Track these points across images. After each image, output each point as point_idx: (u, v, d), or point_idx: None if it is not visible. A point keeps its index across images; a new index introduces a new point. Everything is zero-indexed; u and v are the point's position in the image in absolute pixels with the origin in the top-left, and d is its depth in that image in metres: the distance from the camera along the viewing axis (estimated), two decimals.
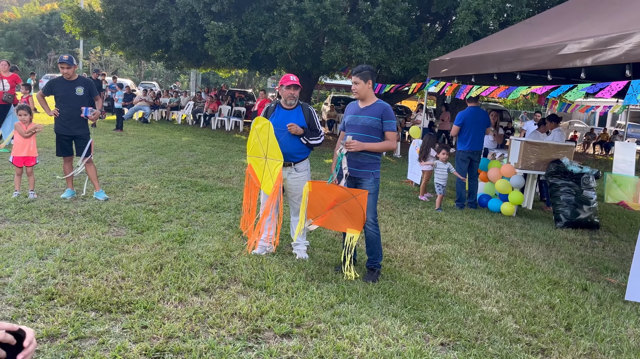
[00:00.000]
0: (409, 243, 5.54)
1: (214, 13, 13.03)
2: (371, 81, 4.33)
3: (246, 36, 13.30)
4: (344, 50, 12.21)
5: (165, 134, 14.90)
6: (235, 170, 9.46)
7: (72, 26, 18.08)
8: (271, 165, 4.47)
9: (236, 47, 13.19)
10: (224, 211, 6.23)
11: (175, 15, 13.98)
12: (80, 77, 6.12)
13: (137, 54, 17.78)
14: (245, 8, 13.43)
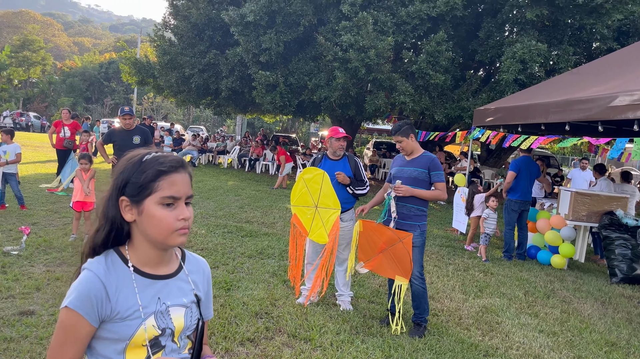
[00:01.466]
0: (455, 297, 5.41)
1: (262, 63, 13.56)
2: (413, 135, 4.38)
3: (292, 85, 13.72)
4: (387, 97, 12.38)
5: (212, 178, 15.32)
6: (279, 215, 9.58)
7: (129, 75, 19.19)
8: (324, 214, 4.51)
9: (282, 95, 13.60)
10: (269, 257, 6.29)
11: (225, 65, 14.62)
12: (137, 127, 6.46)
13: (188, 101, 18.60)
14: (291, 58, 13.92)
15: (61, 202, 8.75)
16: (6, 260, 4.99)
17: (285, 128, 52.69)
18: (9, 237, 5.97)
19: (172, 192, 1.29)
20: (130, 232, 1.33)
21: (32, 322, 3.65)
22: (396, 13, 12.13)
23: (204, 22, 15.02)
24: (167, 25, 17.14)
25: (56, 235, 6.33)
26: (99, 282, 1.24)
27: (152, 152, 1.33)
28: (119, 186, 1.29)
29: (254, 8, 12.47)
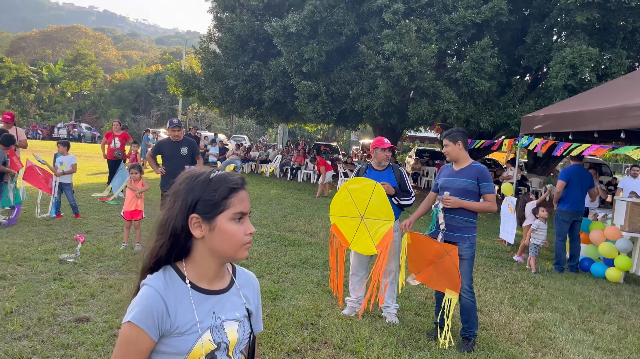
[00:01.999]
0: (505, 310, 5.25)
1: (304, 73, 13.68)
2: (461, 142, 4.29)
3: (334, 94, 13.77)
4: (430, 105, 12.23)
5: (255, 187, 15.51)
6: (322, 224, 9.59)
7: (175, 87, 19.76)
8: (372, 225, 4.47)
9: (324, 105, 13.67)
10: (312, 267, 6.30)
11: (267, 75, 14.83)
12: (185, 138, 6.63)
13: (232, 111, 18.96)
14: (333, 68, 13.98)
15: (112, 211, 9.06)
16: (62, 268, 5.20)
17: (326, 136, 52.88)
18: (64, 245, 6.22)
19: (242, 208, 1.35)
20: (191, 248, 1.36)
21: (88, 329, 3.77)
22: (439, 20, 12.00)
23: (247, 33, 15.31)
24: (211, 37, 17.57)
25: (108, 243, 6.55)
26: (159, 297, 1.28)
27: (215, 171, 1.37)
28: (189, 204, 1.32)
29: (296, 19, 12.62)
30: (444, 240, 4.21)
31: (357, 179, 4.69)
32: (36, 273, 4.96)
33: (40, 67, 58.69)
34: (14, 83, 52.65)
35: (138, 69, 62.99)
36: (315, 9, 12.65)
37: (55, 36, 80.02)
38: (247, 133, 52.21)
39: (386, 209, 4.44)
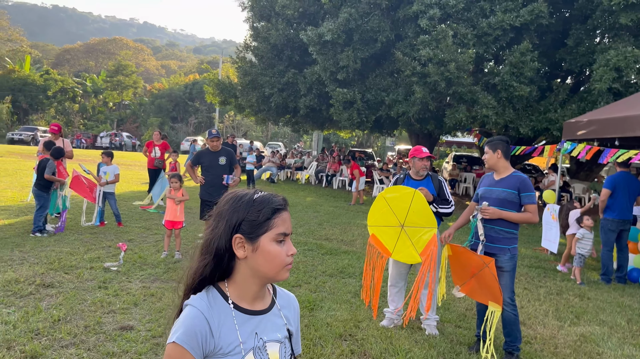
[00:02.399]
0: (549, 323, 5.09)
1: (339, 80, 13.70)
2: (501, 151, 4.19)
3: (369, 101, 13.73)
4: (468, 111, 12.03)
5: (291, 194, 15.61)
6: (358, 232, 9.55)
7: (212, 96, 20.12)
8: (413, 234, 4.41)
9: (360, 112, 13.64)
10: (350, 277, 6.28)
11: (303, 83, 14.93)
12: (223, 148, 6.73)
13: (268, 119, 19.15)
14: (368, 74, 13.95)
15: (153, 219, 9.28)
16: (107, 276, 5.35)
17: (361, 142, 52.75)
18: (108, 253, 6.40)
19: (284, 229, 1.36)
20: (234, 268, 1.37)
21: (132, 337, 3.86)
22: (477, 25, 11.82)
23: (282, 42, 15.46)
24: (248, 47, 17.82)
25: (149, 251, 6.70)
26: (203, 318, 1.29)
27: (258, 192, 1.38)
28: (233, 225, 1.34)
29: (331, 27, 12.66)
30: (484, 251, 4.12)
31: (395, 188, 4.64)
32: (82, 281, 5.12)
33: (84, 78, 60.90)
34: (59, 94, 54.78)
35: (176, 79, 64.56)
36: (351, 16, 12.67)
37: (98, 48, 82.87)
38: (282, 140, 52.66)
39: (428, 216, 4.37)
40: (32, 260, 5.76)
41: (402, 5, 12.77)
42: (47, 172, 7.24)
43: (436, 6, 11.78)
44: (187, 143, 43.93)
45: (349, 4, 13.45)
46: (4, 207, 9.36)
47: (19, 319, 4.01)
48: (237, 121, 52.31)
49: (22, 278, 4.98)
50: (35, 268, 5.41)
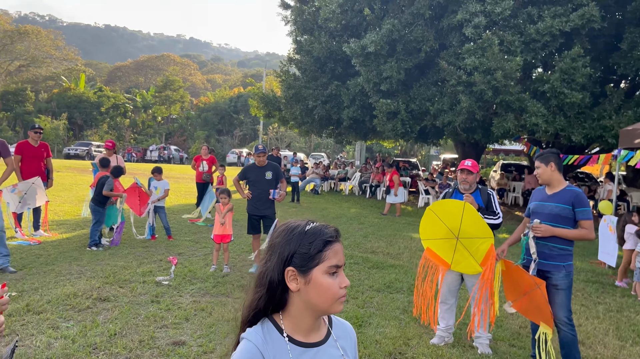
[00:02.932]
0: (609, 343, 4.84)
1: (383, 91, 13.66)
2: (554, 164, 4.05)
3: (414, 111, 13.62)
4: (517, 119, 11.72)
5: (335, 205, 15.61)
6: (404, 245, 9.42)
7: (257, 109, 20.48)
8: (470, 245, 4.28)
9: (404, 122, 13.54)
10: (398, 292, 6.19)
11: (346, 95, 14.98)
12: (269, 163, 6.81)
13: (311, 131, 19.30)
14: (412, 84, 13.84)
15: (201, 232, 9.47)
16: (159, 290, 5.49)
17: (404, 151, 52.28)
18: (159, 267, 6.57)
19: (337, 261, 1.35)
20: (287, 301, 1.37)
21: (184, 353, 3.94)
22: (524, 31, 11.54)
23: (325, 55, 15.58)
24: (291, 60, 18.07)
25: (199, 265, 6.84)
26: (257, 352, 1.31)
27: (310, 223, 1.38)
28: (285, 257, 1.34)
29: (374, 38, 12.66)
30: (537, 269, 3.98)
31: (442, 201, 4.55)
32: (136, 295, 5.28)
33: (134, 94, 63.32)
34: (111, 110, 57.11)
35: (221, 92, 66.08)
36: (394, 27, 12.63)
37: (147, 65, 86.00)
38: (325, 150, 52.89)
39: (482, 226, 4.24)
40: (89, 274, 5.98)
41: (446, 15, 12.63)
42: (106, 188, 7.54)
43: (481, 14, 11.59)
44: (232, 156, 44.88)
45: (391, 15, 13.44)
46: (62, 221, 9.79)
47: (77, 333, 4.17)
48: (280, 133, 52.96)
49: (80, 292, 5.18)
50: (92, 281, 5.62)
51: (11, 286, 5.35)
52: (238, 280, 6.20)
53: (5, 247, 5.98)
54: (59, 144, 47.63)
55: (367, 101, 14.62)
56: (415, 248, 9.11)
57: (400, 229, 11.43)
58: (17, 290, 5.16)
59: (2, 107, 54.93)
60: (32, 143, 8.13)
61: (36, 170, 8.01)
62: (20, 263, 6.39)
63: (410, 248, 9.08)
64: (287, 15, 18.35)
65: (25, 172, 7.89)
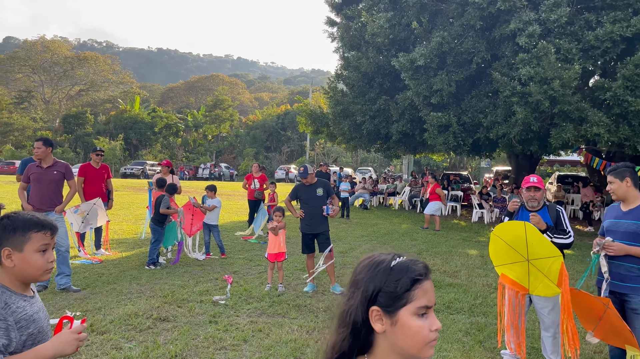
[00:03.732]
0: None
1: (433, 104, 13.42)
2: (630, 179, 3.78)
3: (466, 123, 13.29)
4: (576, 130, 11.21)
5: (385, 221, 15.40)
6: (461, 262, 9.12)
7: (305, 126, 20.62)
8: (542, 266, 4.04)
9: (456, 135, 13.24)
10: (458, 313, 5.95)
11: (395, 109, 14.82)
12: (318, 180, 6.75)
13: (360, 146, 19.20)
14: (464, 97, 13.54)
15: (254, 250, 9.52)
16: (216, 310, 5.50)
17: (454, 164, 51.29)
18: (215, 286, 6.61)
19: (426, 301, 1.24)
20: (373, 342, 1.28)
21: None
22: (582, 38, 11.07)
23: (373, 70, 15.52)
24: (338, 77, 18.11)
25: (254, 283, 6.84)
26: None
27: (396, 257, 1.28)
28: (369, 296, 1.25)
29: (424, 52, 12.50)
30: (609, 290, 3.71)
31: (503, 225, 4.30)
32: (194, 315, 5.31)
33: (185, 114, 65.39)
34: (164, 130, 59.16)
35: (269, 110, 67.24)
36: (443, 40, 12.43)
37: (198, 85, 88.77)
38: (372, 164, 52.61)
39: (547, 245, 3.99)
40: (148, 293, 6.09)
41: (497, 25, 12.32)
42: (162, 206, 7.72)
43: (535, 22, 11.22)
44: (280, 172, 45.39)
45: (440, 28, 13.25)
46: (121, 240, 10.10)
47: (139, 354, 4.21)
48: (327, 148, 53.16)
49: (141, 312, 5.26)
50: (151, 301, 5.71)
51: (75, 305, 5.51)
52: (293, 299, 6.14)
53: (69, 267, 6.18)
54: (116, 164, 49.69)
55: (416, 114, 14.41)
56: (473, 266, 8.81)
57: (456, 245, 11.10)
58: (82, 310, 5.31)
59: (64, 129, 57.99)
60: (94, 165, 8.45)
61: (98, 191, 8.31)
62: (83, 282, 6.59)
63: (467, 266, 8.78)
64: (334, 32, 18.47)
65: (88, 193, 8.19)
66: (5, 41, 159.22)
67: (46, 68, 74.50)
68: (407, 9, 13.62)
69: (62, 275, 6.09)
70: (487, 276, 7.89)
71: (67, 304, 5.55)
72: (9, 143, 52.68)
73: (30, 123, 60.53)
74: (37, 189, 6.08)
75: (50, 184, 6.15)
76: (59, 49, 76.10)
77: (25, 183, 6.18)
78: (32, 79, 75.46)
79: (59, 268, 6.09)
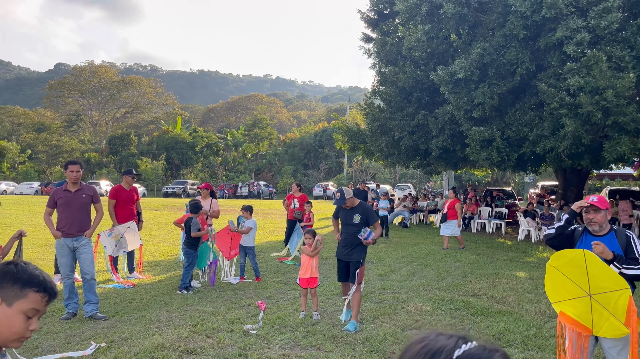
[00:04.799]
0: None
1: (475, 119, 12.88)
2: None
3: (510, 138, 12.66)
4: (632, 142, 10.45)
5: (426, 240, 14.80)
6: (509, 286, 8.50)
7: (342, 143, 20.33)
8: (606, 301, 3.49)
9: (499, 150, 12.62)
10: (510, 345, 5.41)
11: (434, 124, 14.34)
12: (360, 204, 6.20)
13: (398, 163, 18.72)
14: (507, 110, 12.93)
15: (290, 272, 9.19)
16: (247, 341, 5.18)
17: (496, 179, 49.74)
18: (247, 313, 6.30)
19: None
20: None
21: None
22: (635, 44, 10.37)
23: (411, 84, 15.11)
24: (375, 93, 17.79)
25: (288, 310, 6.49)
26: None
27: (461, 343, 0.90)
28: None
29: (464, 64, 12.02)
30: None
31: (559, 254, 3.79)
32: (223, 347, 5.00)
33: (225, 133, 66.46)
34: (205, 149, 60.20)
35: (307, 127, 67.51)
36: (484, 51, 11.93)
37: (237, 105, 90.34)
38: (411, 180, 51.70)
39: (612, 276, 3.46)
40: (178, 321, 5.83)
41: (542, 34, 11.73)
42: (193, 229, 7.51)
43: (584, 30, 10.59)
44: (318, 189, 45.17)
45: (481, 39, 12.75)
46: (156, 262, 9.98)
47: None
48: (365, 164, 52.67)
49: (168, 343, 4.99)
50: (180, 330, 5.44)
51: (102, 335, 5.31)
52: (329, 329, 5.75)
53: (95, 295, 6.02)
54: (158, 183, 50.72)
55: (457, 129, 13.88)
56: (523, 290, 8.18)
57: (502, 267, 10.45)
58: (107, 340, 5.09)
59: (110, 150, 59.88)
60: (125, 187, 8.37)
61: (129, 213, 8.23)
62: (113, 309, 6.41)
63: (516, 290, 8.16)
64: (370, 48, 18.20)
65: (120, 216, 8.11)
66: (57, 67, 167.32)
67: (94, 92, 77.59)
68: (445, 21, 13.20)
69: (88, 303, 5.93)
70: (540, 303, 7.27)
71: (94, 333, 5.36)
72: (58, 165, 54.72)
73: (79, 145, 62.89)
74: (66, 213, 5.97)
75: (79, 208, 6.04)
76: (106, 74, 79.22)
77: (51, 208, 6.06)
78: (80, 103, 78.72)
79: (86, 296, 5.93)
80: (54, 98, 76.20)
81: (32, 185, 42.95)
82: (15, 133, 66.16)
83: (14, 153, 55.19)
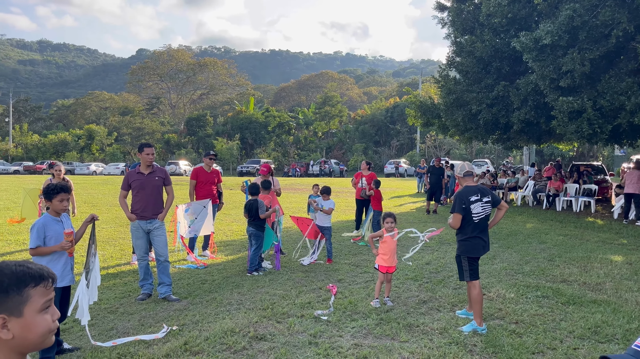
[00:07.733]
0: None
1: (562, 88, 11.79)
2: None
3: (603, 108, 11.49)
4: None
5: (507, 219, 13.96)
6: (604, 271, 7.71)
7: (414, 119, 19.59)
8: None
9: (591, 122, 11.50)
10: (609, 341, 4.82)
11: (516, 96, 13.34)
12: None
13: (476, 138, 17.77)
14: (600, 77, 11.72)
15: (362, 254, 8.92)
16: (317, 328, 4.97)
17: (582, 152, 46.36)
18: (318, 297, 6.11)
19: None
20: None
21: None
22: None
23: (490, 54, 14.13)
24: (451, 64, 16.86)
25: (360, 295, 6.23)
26: None
27: None
28: None
29: (550, 28, 10.96)
30: None
31: None
32: (293, 333, 4.83)
33: (296, 112, 66.89)
34: (277, 129, 60.97)
35: (377, 104, 66.35)
36: (574, 12, 10.80)
37: (308, 83, 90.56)
38: (488, 156, 49.46)
39: None
40: (248, 305, 5.74)
41: None
42: (261, 212, 7.40)
43: None
44: (390, 166, 44.40)
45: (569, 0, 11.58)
46: (229, 242, 10.07)
47: None
48: (439, 140, 51.02)
49: (238, 328, 4.90)
50: (250, 315, 5.34)
51: (174, 317, 5.32)
52: (404, 316, 5.42)
53: (169, 277, 6.06)
54: (233, 162, 52.16)
55: (542, 100, 12.82)
56: (620, 276, 7.39)
57: (594, 249, 9.56)
58: (179, 323, 5.08)
59: (187, 131, 62.23)
60: (205, 169, 8.45)
61: (208, 194, 8.32)
62: (186, 290, 6.46)
63: (612, 276, 7.38)
64: (444, 17, 17.21)
65: (200, 196, 8.26)
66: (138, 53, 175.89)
67: (172, 76, 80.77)
68: None
69: (162, 285, 5.98)
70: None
71: (167, 315, 5.38)
72: None
73: (159, 127, 65.94)
74: (141, 196, 6.01)
75: (153, 190, 6.07)
76: (182, 57, 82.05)
77: (125, 191, 6.14)
78: (160, 86, 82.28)
79: (160, 277, 5.99)
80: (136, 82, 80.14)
81: (118, 165, 45.67)
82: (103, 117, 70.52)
83: (102, 136, 58.85)
